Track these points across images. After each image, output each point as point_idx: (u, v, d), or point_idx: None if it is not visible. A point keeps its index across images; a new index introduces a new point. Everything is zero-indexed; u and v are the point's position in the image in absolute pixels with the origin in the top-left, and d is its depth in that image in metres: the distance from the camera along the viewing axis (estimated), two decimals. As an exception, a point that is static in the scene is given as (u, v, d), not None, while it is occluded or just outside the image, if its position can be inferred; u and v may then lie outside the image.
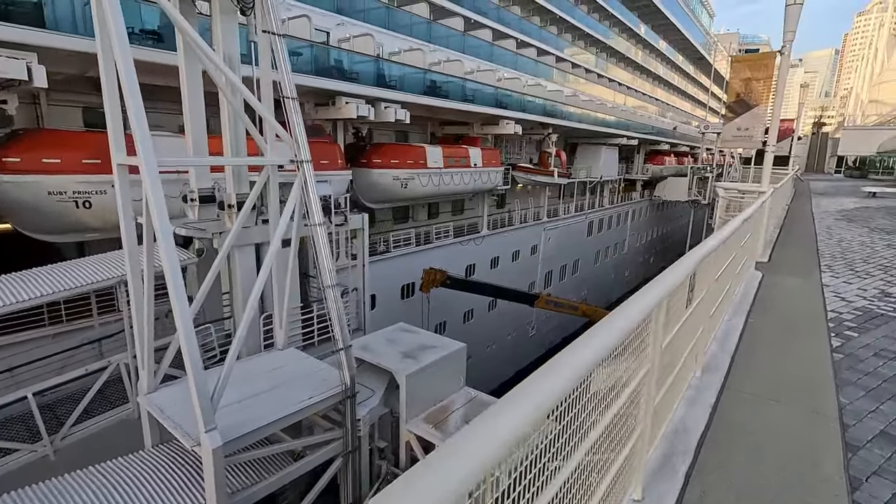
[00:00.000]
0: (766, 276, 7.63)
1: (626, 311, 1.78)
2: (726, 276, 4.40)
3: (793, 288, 7.38)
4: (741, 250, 5.25)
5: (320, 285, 7.39)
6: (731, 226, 3.92)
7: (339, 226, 10.16)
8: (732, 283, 5.10)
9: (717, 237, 3.75)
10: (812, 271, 8.61)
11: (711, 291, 3.81)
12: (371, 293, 20.58)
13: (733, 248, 4.48)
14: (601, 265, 43.38)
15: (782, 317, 6.20)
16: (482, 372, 28.51)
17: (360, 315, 11.39)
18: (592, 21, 39.01)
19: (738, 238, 4.95)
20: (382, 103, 16.95)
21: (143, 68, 12.35)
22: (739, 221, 4.29)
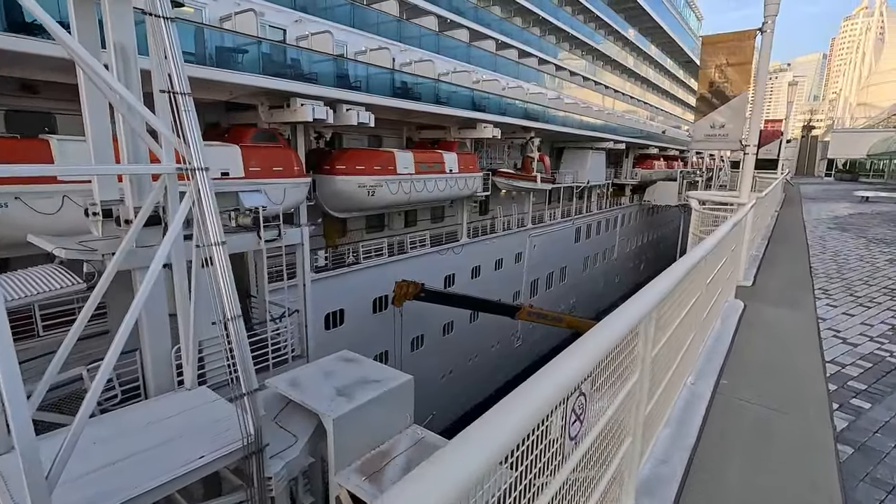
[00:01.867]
0: (749, 306, 6.22)
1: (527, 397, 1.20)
2: (690, 320, 3.25)
3: (780, 326, 5.96)
4: (713, 283, 4.11)
5: (227, 315, 6.15)
6: (691, 258, 2.78)
7: (269, 241, 8.93)
8: (698, 332, 3.92)
9: (670, 277, 2.59)
10: (804, 299, 7.26)
11: (663, 355, 2.64)
12: (339, 307, 19.43)
13: (698, 284, 3.32)
14: (590, 272, 42.31)
15: (764, 379, 4.54)
16: (465, 386, 27.30)
17: (302, 341, 10.14)
18: (577, 23, 38.17)
19: (708, 268, 3.83)
20: (344, 105, 15.77)
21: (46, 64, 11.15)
22: (703, 250, 3.14)
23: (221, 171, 12.81)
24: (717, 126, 6.28)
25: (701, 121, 6.58)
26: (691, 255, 2.93)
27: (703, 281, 3.23)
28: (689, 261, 2.86)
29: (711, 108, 6.40)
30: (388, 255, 20.86)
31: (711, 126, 6.37)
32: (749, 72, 6.17)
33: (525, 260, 31.65)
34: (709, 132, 6.47)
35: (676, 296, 2.90)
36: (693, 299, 3.07)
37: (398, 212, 23.61)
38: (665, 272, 2.73)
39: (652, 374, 2.55)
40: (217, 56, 12.92)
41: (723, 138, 6.32)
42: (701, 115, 6.61)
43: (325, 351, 18.66)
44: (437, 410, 25.12)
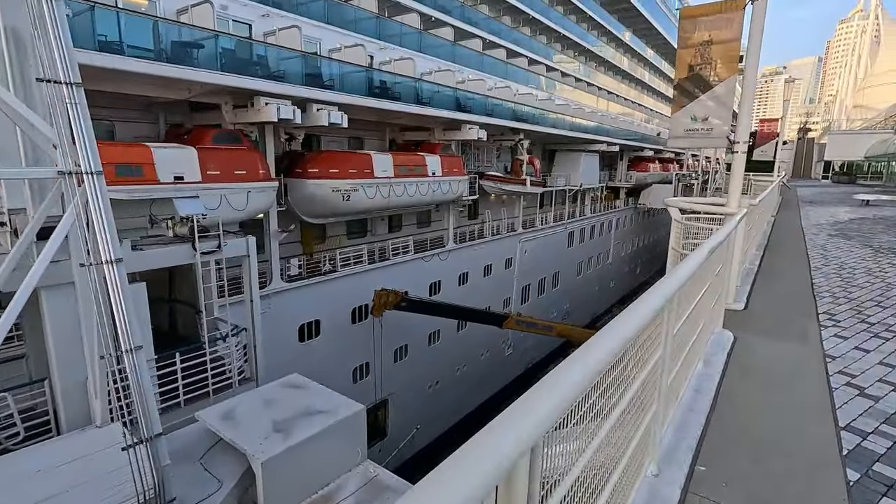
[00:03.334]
0: (740, 340, 5.07)
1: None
2: (651, 386, 2.31)
3: (778, 371, 4.72)
4: (691, 319, 3.18)
5: (124, 346, 5.19)
6: (650, 302, 1.86)
7: (207, 254, 7.98)
8: (681, 373, 2.98)
9: (636, 315, 1.71)
10: (807, 327, 6.01)
11: (629, 414, 1.72)
12: (315, 318, 18.45)
13: (666, 328, 2.36)
14: (584, 277, 41.40)
15: (756, 464, 3.20)
16: (452, 397, 26.31)
17: (250, 362, 9.17)
18: (570, 23, 37.42)
19: (685, 301, 2.90)
20: (314, 105, 14.85)
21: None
22: (669, 289, 2.21)
23: (175, 175, 11.89)
24: (699, 119, 5.22)
25: (679, 113, 5.45)
26: (654, 296, 2.00)
27: (673, 322, 2.31)
28: (651, 304, 1.93)
29: (691, 98, 5.36)
30: (367, 263, 19.89)
31: (692, 119, 5.19)
32: (737, 52, 5.09)
33: (516, 265, 30.73)
34: (689, 126, 5.29)
35: (635, 351, 1.99)
36: (655, 357, 2.15)
37: (381, 217, 22.68)
38: (624, 316, 1.83)
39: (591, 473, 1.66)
40: (172, 51, 12.00)
41: (706, 134, 5.23)
42: (679, 106, 5.57)
43: (297, 365, 17.73)
44: (422, 424, 24.16)
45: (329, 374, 19.31)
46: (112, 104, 13.85)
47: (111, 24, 10.95)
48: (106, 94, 12.97)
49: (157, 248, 7.69)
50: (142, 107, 14.63)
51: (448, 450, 1.00)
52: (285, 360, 17.35)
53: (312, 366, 18.36)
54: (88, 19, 10.12)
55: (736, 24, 4.94)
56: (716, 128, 5.02)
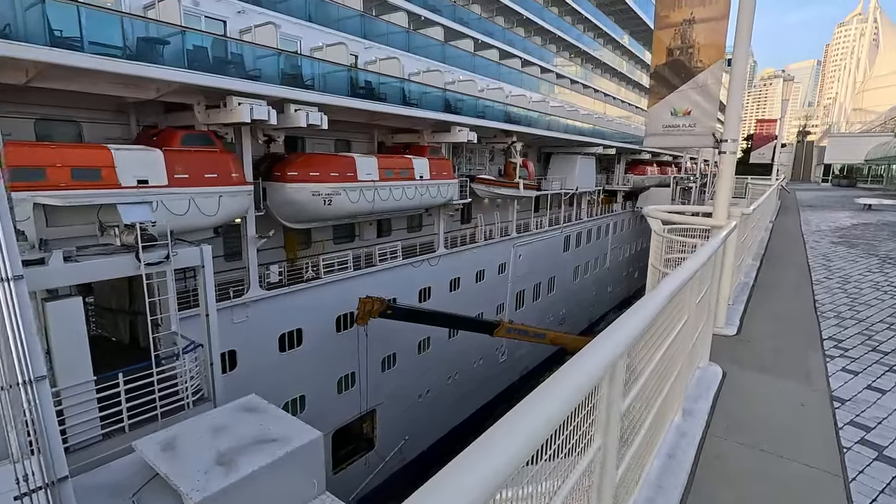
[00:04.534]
0: (730, 376, 4.27)
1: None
2: (610, 453, 1.67)
3: (774, 422, 3.77)
4: (671, 352, 2.55)
5: (26, 377, 4.50)
6: (608, 347, 1.22)
7: (152, 265, 7.30)
8: (651, 435, 2.31)
9: (595, 355, 1.05)
10: (810, 359, 5.02)
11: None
12: (297, 327, 17.76)
13: (618, 385, 1.70)
14: (580, 282, 40.73)
15: None
16: (444, 407, 25.58)
17: (207, 382, 8.48)
18: (566, 25, 36.91)
19: (660, 334, 2.26)
20: (292, 105, 14.21)
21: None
22: (653, 308, 1.60)
23: (138, 178, 11.23)
24: (680, 113, 4.13)
25: (656, 106, 4.34)
26: (590, 362, 1.33)
27: (618, 400, 1.65)
28: (585, 374, 1.26)
29: (671, 88, 4.59)
30: (353, 269, 19.21)
31: (672, 113, 4.31)
32: (723, 33, 4.31)
33: (509, 271, 30.06)
34: (668, 122, 4.37)
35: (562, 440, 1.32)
36: (592, 451, 1.48)
37: (369, 221, 22.03)
38: (580, 357, 1.19)
39: None
40: (137, 48, 11.36)
41: (688, 131, 4.41)
42: (656, 98, 4.41)
43: (277, 375, 17.09)
44: (412, 434, 23.43)
45: (312, 385, 18.67)
46: (79, 104, 13.23)
47: (68, 18, 10.32)
48: (72, 93, 12.36)
49: (95, 258, 7.02)
50: (113, 107, 13.99)
51: (438, 463, 0.93)
52: (264, 370, 16.71)
53: (294, 376, 17.71)
54: (39, 12, 9.47)
55: (724, 0, 4.22)
56: (699, 123, 4.25)
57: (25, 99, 12.23)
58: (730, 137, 4.06)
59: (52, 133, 13.10)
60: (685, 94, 4.12)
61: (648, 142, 4.76)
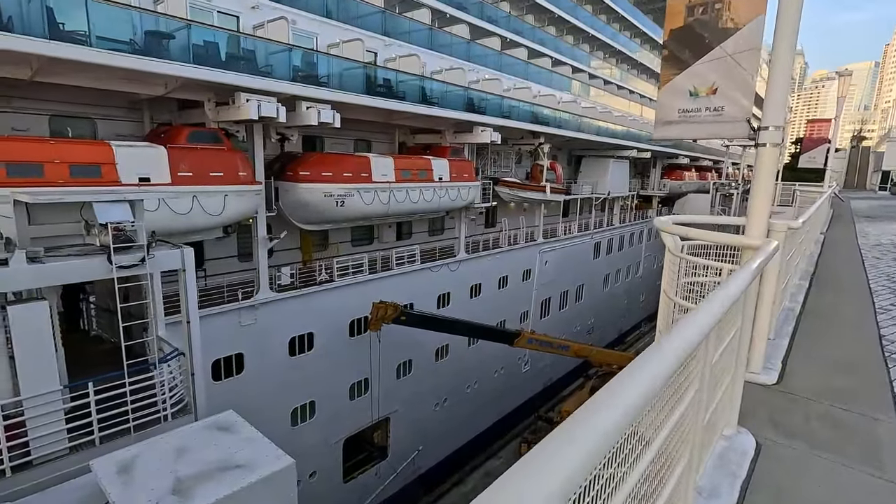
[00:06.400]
0: (767, 450, 3.07)
1: None
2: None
3: None
4: (680, 422, 1.72)
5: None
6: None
7: (125, 268, 6.81)
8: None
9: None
10: (877, 428, 3.62)
11: None
12: (308, 331, 17.31)
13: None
14: (611, 290, 39.10)
15: None
16: (461, 417, 24.70)
17: (188, 392, 7.97)
18: (600, 23, 35.56)
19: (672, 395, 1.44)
20: (304, 103, 13.73)
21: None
22: (665, 368, 0.86)
23: (140, 176, 10.93)
24: (702, 93, 3.16)
25: (670, 85, 3.36)
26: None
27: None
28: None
29: (689, 60, 3.27)
30: (368, 272, 18.63)
31: (690, 93, 3.24)
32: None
33: (535, 277, 28.94)
34: (686, 106, 3.31)
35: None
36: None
37: (387, 224, 21.46)
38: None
39: None
40: (144, 43, 11.09)
41: (713, 116, 3.17)
42: (670, 76, 3.38)
43: (286, 380, 16.64)
44: (427, 444, 22.68)
45: (323, 390, 18.19)
46: (93, 101, 13.16)
47: (74, 11, 10.10)
48: (86, 90, 12.26)
49: (63, 260, 6.58)
50: (126, 104, 13.90)
51: (452, 475, 0.92)
52: (272, 374, 16.31)
53: (304, 381, 17.26)
54: (39, 4, 9.25)
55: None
56: (729, 105, 3.13)
57: (39, 95, 12.20)
58: (771, 124, 2.90)
59: (66, 129, 13.07)
60: (710, 67, 3.06)
61: (659, 133, 3.68)
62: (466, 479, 23.12)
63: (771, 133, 2.90)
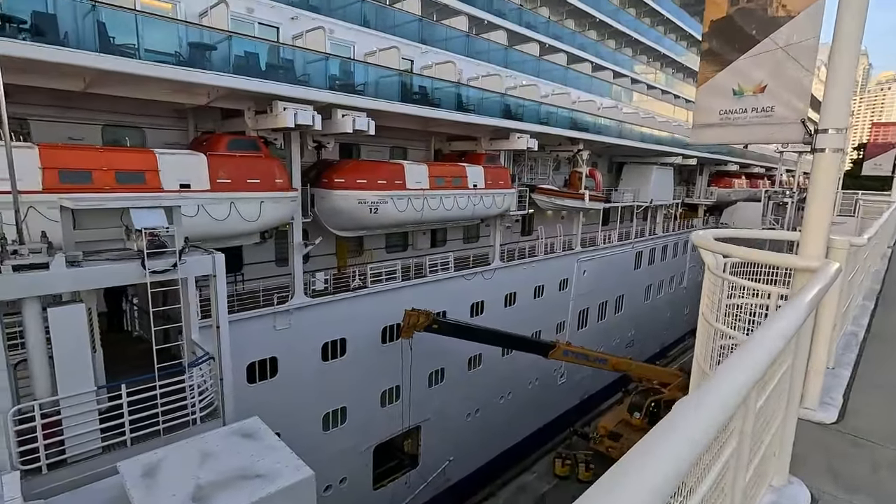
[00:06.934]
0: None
1: None
2: None
3: None
4: (720, 478, 1.45)
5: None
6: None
7: (157, 272, 6.96)
8: None
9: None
10: None
11: None
12: (341, 337, 17.41)
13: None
14: (653, 302, 37.64)
15: None
16: (494, 428, 24.24)
17: (218, 397, 8.06)
18: (644, 26, 34.57)
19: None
20: (339, 110, 13.88)
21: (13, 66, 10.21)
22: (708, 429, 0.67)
23: (181, 183, 11.29)
24: (747, 91, 2.80)
25: (709, 84, 2.97)
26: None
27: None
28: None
29: (732, 55, 2.87)
30: (401, 279, 18.60)
31: (734, 92, 2.87)
32: None
33: (572, 287, 28.19)
34: (728, 106, 2.93)
35: None
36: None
37: (422, 231, 21.42)
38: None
39: None
40: (188, 55, 11.50)
41: (761, 117, 2.79)
42: (711, 71, 2.99)
43: (318, 385, 16.75)
44: (455, 456, 22.35)
45: (355, 396, 18.23)
46: (142, 111, 13.77)
47: (124, 25, 10.57)
48: (136, 100, 12.84)
49: (100, 264, 6.79)
50: (173, 113, 14.47)
51: (483, 488, 0.85)
52: (305, 379, 16.47)
53: (336, 386, 17.35)
54: (92, 21, 9.71)
55: None
56: (780, 104, 2.65)
57: (92, 105, 12.84)
58: (832, 126, 2.49)
59: (118, 138, 13.71)
60: (757, 62, 2.65)
61: (696, 137, 3.27)
62: (498, 493, 22.59)
63: (831, 137, 2.47)
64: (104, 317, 10.55)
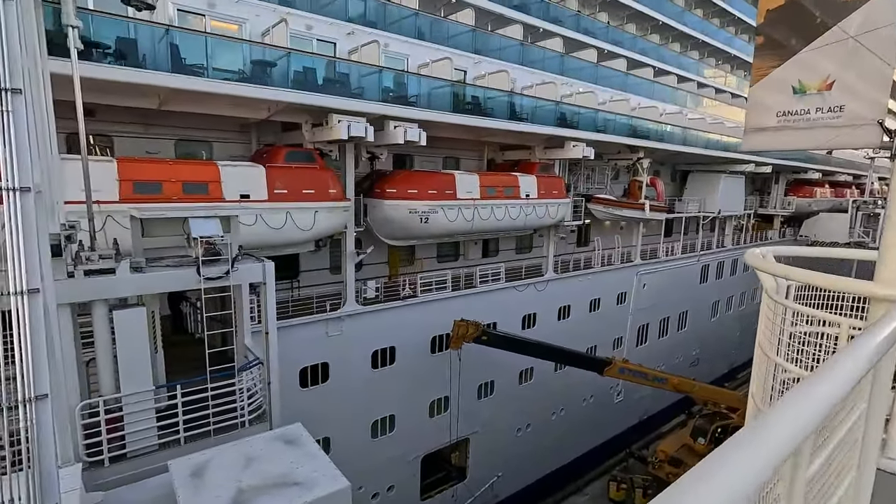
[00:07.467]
0: None
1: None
2: None
3: None
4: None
5: (27, 395, 4.41)
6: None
7: (211, 279, 7.27)
8: None
9: None
10: None
11: None
12: (390, 345, 17.55)
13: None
14: (721, 319, 35.24)
15: None
16: (545, 445, 23.47)
17: (265, 401, 8.28)
18: (712, 27, 32.84)
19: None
20: (391, 122, 14.10)
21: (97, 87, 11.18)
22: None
23: (241, 193, 11.86)
24: (810, 89, 2.36)
25: (764, 82, 2.58)
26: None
27: None
28: None
29: (795, 47, 2.44)
30: (451, 289, 18.53)
31: (794, 90, 2.44)
32: None
33: (631, 301, 26.94)
34: (787, 107, 2.50)
35: None
36: None
37: (473, 241, 21.29)
38: None
39: None
40: (251, 72, 12.14)
41: (827, 119, 2.33)
42: (766, 69, 2.58)
43: (366, 391, 16.93)
44: (504, 472, 21.82)
45: (403, 405, 18.29)
46: (210, 126, 14.66)
47: (195, 47, 11.32)
48: (204, 116, 13.71)
49: (160, 271, 7.20)
50: (237, 127, 15.30)
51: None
52: (355, 385, 16.72)
53: (385, 394, 17.48)
54: (166, 44, 10.46)
55: None
56: (853, 103, 2.23)
57: (166, 122, 13.83)
58: None
59: (189, 151, 14.67)
60: (824, 54, 2.21)
61: (750, 143, 2.86)
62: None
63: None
64: (168, 319, 11.23)
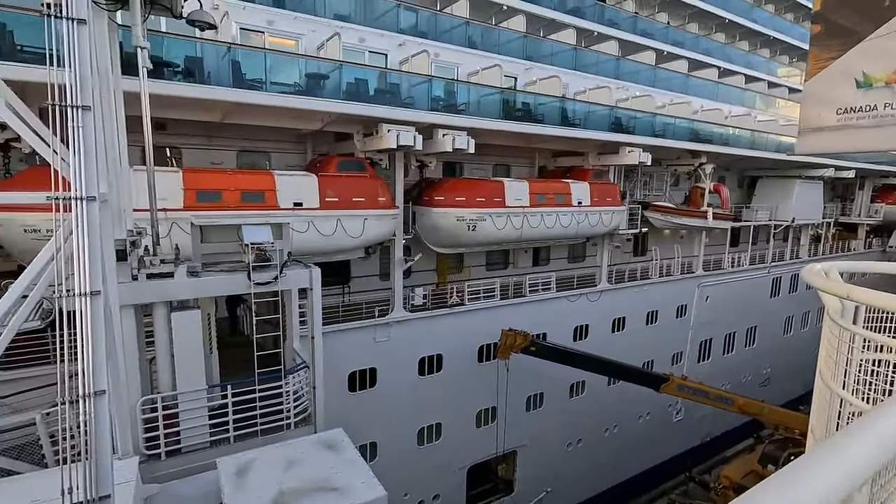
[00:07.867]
0: None
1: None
2: None
3: None
4: None
5: (86, 390, 4.70)
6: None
7: (261, 284, 7.52)
8: None
9: None
10: None
11: None
12: (437, 352, 17.51)
13: None
14: (795, 336, 32.56)
15: None
16: (597, 462, 22.55)
17: (311, 404, 8.44)
18: (784, 23, 30.76)
19: None
20: (440, 130, 14.18)
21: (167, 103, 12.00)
22: None
23: (294, 201, 12.30)
24: (877, 82, 2.02)
25: (823, 75, 2.30)
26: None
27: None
28: None
29: (858, 35, 2.15)
30: (499, 298, 18.28)
31: (858, 84, 2.12)
32: None
33: (692, 314, 25.47)
34: (849, 103, 2.23)
35: None
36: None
37: (523, 249, 20.94)
38: None
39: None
40: (305, 85, 12.63)
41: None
42: (824, 60, 2.34)
43: (415, 399, 16.97)
44: (554, 488, 21.14)
45: (450, 414, 18.19)
46: (268, 137, 15.37)
47: (255, 64, 11.93)
48: (262, 128, 14.41)
49: (214, 275, 7.55)
50: (294, 138, 15.94)
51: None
52: (402, 392, 16.82)
53: (431, 402, 17.46)
54: (228, 61, 11.08)
55: None
56: None
57: (228, 134, 14.64)
58: None
59: (249, 161, 15.43)
60: (893, 42, 1.89)
61: (805, 145, 2.53)
62: (600, 534, 20.88)
63: None
64: (226, 322, 11.79)
